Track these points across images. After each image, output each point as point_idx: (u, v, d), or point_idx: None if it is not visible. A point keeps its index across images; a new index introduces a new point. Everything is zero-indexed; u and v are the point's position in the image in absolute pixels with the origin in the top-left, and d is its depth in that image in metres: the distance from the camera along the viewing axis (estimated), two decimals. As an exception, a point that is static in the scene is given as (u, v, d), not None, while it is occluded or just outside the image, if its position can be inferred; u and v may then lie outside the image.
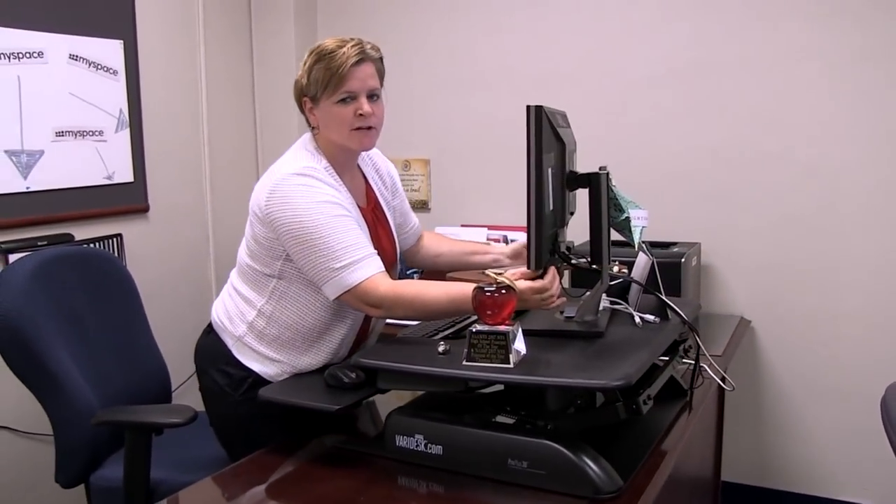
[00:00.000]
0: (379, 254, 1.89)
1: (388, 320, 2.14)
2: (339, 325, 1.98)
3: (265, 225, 1.88)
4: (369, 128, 1.92)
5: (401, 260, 2.24)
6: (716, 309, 3.10)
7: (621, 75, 3.18)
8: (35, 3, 2.81)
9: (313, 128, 1.97)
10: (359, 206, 1.98)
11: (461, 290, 1.75)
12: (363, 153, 2.06)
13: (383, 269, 1.84)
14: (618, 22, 3.17)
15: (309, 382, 1.88)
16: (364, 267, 1.81)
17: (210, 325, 2.11)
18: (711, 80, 3.03)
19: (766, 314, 3.06)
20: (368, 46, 1.91)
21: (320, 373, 1.85)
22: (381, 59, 1.95)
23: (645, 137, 3.16)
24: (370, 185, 2.09)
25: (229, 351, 2.01)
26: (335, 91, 1.87)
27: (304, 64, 1.91)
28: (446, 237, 2.43)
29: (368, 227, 1.97)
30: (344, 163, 1.98)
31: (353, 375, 1.75)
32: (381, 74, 1.95)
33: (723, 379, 2.11)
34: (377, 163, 2.15)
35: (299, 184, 1.83)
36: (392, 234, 2.10)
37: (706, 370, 2.07)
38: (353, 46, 1.87)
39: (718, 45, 3.01)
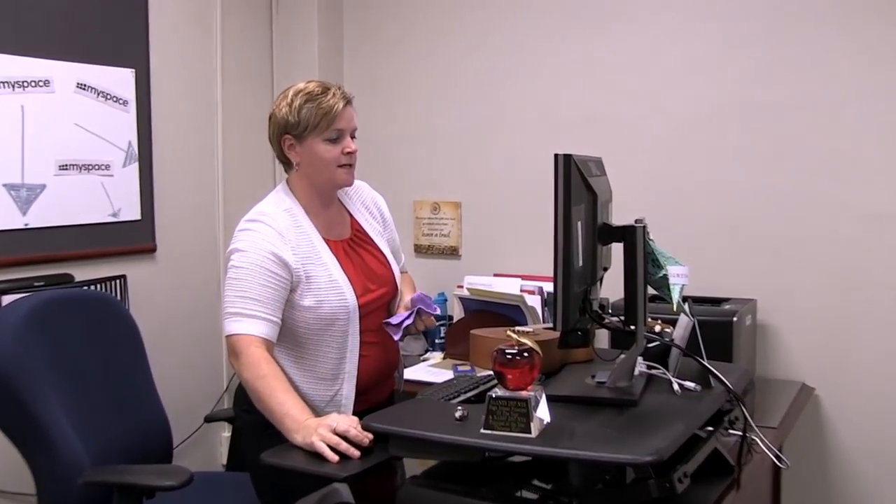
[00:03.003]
0: (368, 276, 2.24)
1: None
2: (337, 360, 2.18)
3: None
4: (351, 165, 2.21)
5: None
6: (773, 374, 3.07)
7: (669, 116, 3.20)
8: (43, 30, 2.92)
9: (286, 164, 2.27)
10: (334, 240, 2.24)
11: (296, 414, 1.93)
12: (350, 192, 2.36)
13: (265, 335, 2.07)
14: (665, 59, 3.20)
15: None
16: (246, 323, 2.06)
17: None
18: (770, 121, 3.04)
19: (831, 381, 3.01)
20: (347, 92, 2.22)
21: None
22: None
23: (695, 183, 3.17)
24: (354, 217, 2.35)
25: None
26: (326, 129, 2.16)
27: (289, 104, 2.18)
28: (409, 286, 2.50)
29: (348, 255, 2.24)
30: (320, 200, 2.25)
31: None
32: None
33: (777, 456, 2.09)
34: (363, 196, 2.41)
35: (244, 229, 2.15)
36: (385, 258, 2.34)
37: (758, 444, 2.05)
38: (338, 90, 2.20)
39: (778, 83, 3.02)
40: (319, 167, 2.19)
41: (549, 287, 3.23)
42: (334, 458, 1.78)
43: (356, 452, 1.79)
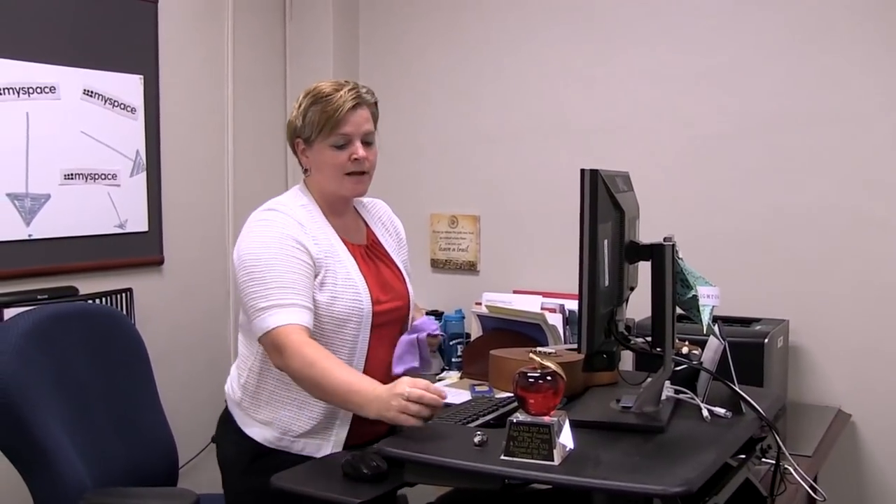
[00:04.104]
0: (382, 286, 2.18)
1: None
2: None
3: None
4: (362, 173, 2.16)
5: None
6: (807, 399, 3.04)
7: (695, 128, 3.19)
8: (48, 35, 2.93)
9: (305, 170, 2.23)
10: (351, 243, 2.20)
11: (362, 388, 1.88)
12: (370, 207, 2.36)
13: (306, 323, 2.00)
14: (691, 69, 3.19)
15: (327, 469, 1.90)
16: (286, 313, 1.98)
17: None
18: (803, 133, 3.02)
19: (869, 406, 2.98)
20: (364, 91, 2.16)
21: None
22: (375, 103, 2.21)
23: (724, 198, 3.16)
24: (371, 229, 2.32)
25: (234, 420, 2.18)
26: (330, 134, 2.11)
27: (299, 105, 2.16)
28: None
29: (364, 260, 2.20)
30: (334, 204, 2.21)
31: (374, 465, 1.77)
32: (375, 119, 2.21)
33: (812, 486, 2.07)
34: (382, 215, 2.39)
35: (261, 219, 2.10)
36: (400, 273, 2.31)
37: (792, 474, 2.03)
38: (349, 91, 2.12)
39: (808, 94, 3.01)
40: (326, 174, 2.16)
41: (570, 305, 3.21)
42: (416, 422, 1.78)
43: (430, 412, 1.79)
